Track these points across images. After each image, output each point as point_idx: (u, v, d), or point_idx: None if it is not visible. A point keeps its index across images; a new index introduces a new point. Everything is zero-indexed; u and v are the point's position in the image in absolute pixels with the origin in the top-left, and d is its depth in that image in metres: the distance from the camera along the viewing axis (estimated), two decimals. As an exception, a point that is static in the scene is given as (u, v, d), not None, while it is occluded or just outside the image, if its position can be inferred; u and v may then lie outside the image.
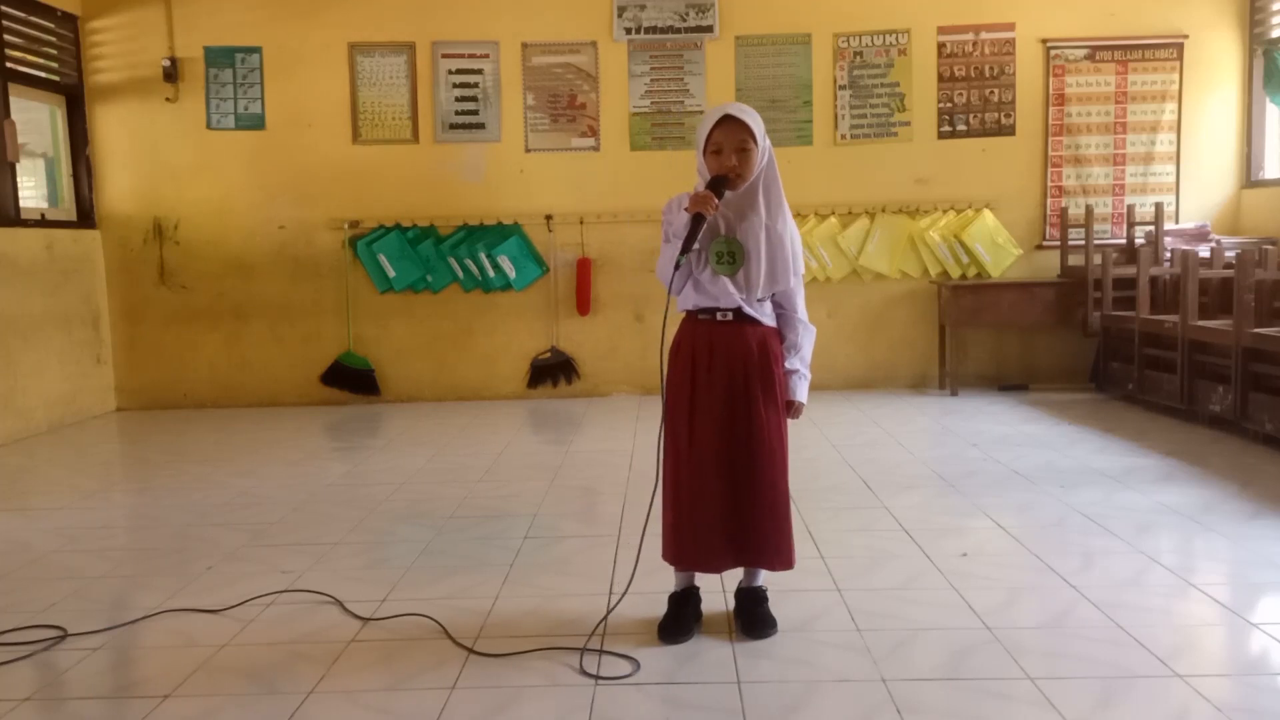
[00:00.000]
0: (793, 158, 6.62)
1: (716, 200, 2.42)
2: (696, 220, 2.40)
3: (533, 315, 6.76)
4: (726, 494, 2.52)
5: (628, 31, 6.61)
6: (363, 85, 6.64)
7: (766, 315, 2.56)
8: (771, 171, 2.52)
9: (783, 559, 2.57)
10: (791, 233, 2.53)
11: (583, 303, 6.69)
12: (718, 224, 2.49)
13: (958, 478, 4.23)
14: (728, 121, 2.45)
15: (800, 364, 2.60)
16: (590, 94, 6.66)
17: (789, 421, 2.62)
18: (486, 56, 6.65)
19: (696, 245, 2.43)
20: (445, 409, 6.46)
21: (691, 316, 2.58)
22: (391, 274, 6.62)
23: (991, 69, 6.64)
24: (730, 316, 2.52)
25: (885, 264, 6.66)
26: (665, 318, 2.49)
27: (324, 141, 6.65)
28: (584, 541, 3.47)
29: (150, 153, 6.64)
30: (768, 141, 2.52)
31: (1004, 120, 6.66)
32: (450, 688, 2.32)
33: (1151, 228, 6.39)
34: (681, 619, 2.59)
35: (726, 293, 2.49)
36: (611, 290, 6.73)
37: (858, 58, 6.63)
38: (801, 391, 2.59)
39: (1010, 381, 6.68)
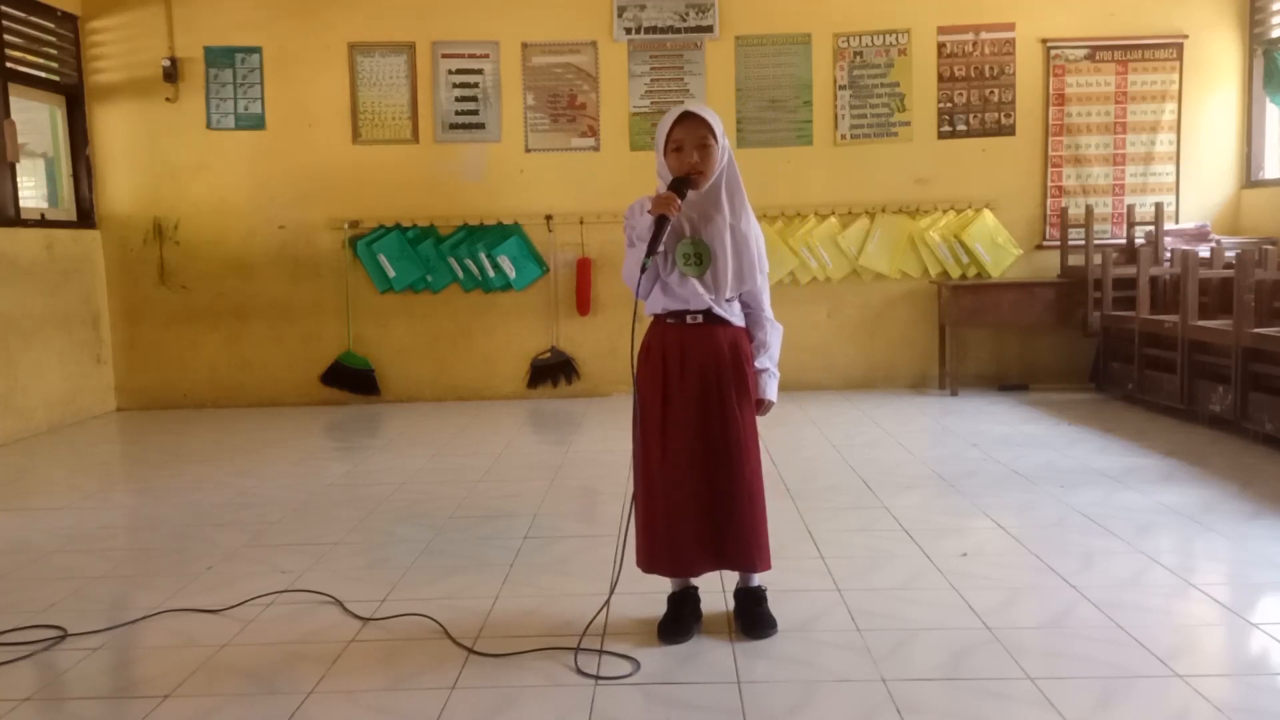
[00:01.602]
0: (793, 158, 6.63)
1: (679, 201, 2.41)
2: (660, 222, 2.40)
3: (533, 315, 6.76)
4: (702, 498, 2.52)
5: (628, 31, 6.61)
6: (363, 85, 6.64)
7: (736, 315, 2.56)
8: (733, 172, 2.52)
9: (759, 559, 2.56)
10: (756, 232, 2.54)
11: (583, 303, 6.69)
12: (682, 226, 2.48)
13: (958, 478, 4.23)
14: (687, 119, 2.45)
15: (770, 363, 2.60)
16: (590, 94, 6.66)
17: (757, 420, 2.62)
18: (486, 56, 6.65)
19: (662, 247, 2.43)
20: (445, 409, 6.46)
21: (660, 320, 2.57)
22: (391, 274, 6.62)
23: (991, 69, 6.64)
24: (700, 319, 2.51)
25: (885, 264, 6.66)
26: (634, 322, 2.47)
27: (324, 141, 6.65)
28: (584, 541, 3.47)
29: (150, 153, 6.64)
30: (727, 141, 2.52)
31: (1004, 120, 6.66)
32: (450, 688, 2.32)
33: (1151, 228, 6.39)
34: (681, 619, 2.59)
35: (696, 294, 2.48)
36: (611, 290, 6.72)
37: (858, 58, 6.63)
38: (772, 390, 2.60)
39: (1010, 381, 6.68)
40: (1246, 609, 2.70)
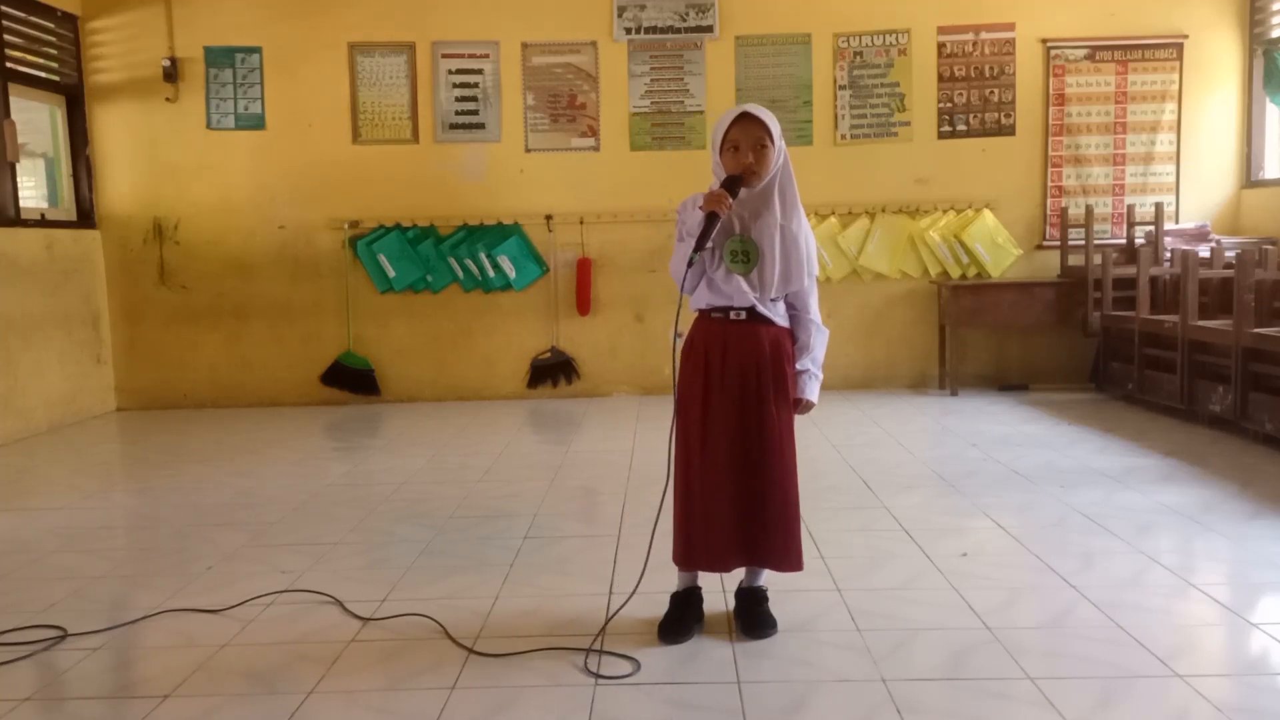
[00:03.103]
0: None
1: (730, 199, 2.42)
2: (710, 218, 2.41)
3: (533, 315, 6.76)
4: (738, 493, 2.52)
5: (628, 31, 6.61)
6: (363, 85, 6.64)
7: (780, 315, 2.56)
8: (787, 173, 2.53)
9: (792, 560, 2.56)
10: (806, 234, 2.54)
11: (583, 303, 6.69)
12: (732, 223, 2.49)
13: (958, 478, 4.23)
14: (746, 119, 2.46)
15: (812, 364, 2.60)
16: (590, 94, 6.66)
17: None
18: (486, 56, 6.65)
19: (710, 244, 2.43)
20: (445, 409, 6.46)
21: (704, 315, 2.58)
22: (391, 274, 6.62)
23: (991, 69, 6.64)
24: (744, 316, 2.52)
25: (885, 264, 6.66)
26: (678, 316, 2.48)
27: (324, 141, 6.65)
28: (584, 541, 3.47)
29: (150, 153, 6.64)
30: (783, 144, 2.53)
31: (1004, 120, 6.66)
32: (450, 688, 2.32)
33: (1151, 228, 6.39)
34: (683, 619, 2.59)
35: (740, 291, 2.49)
36: (611, 290, 6.73)
37: (858, 58, 6.63)
38: (813, 391, 2.59)
39: (1010, 381, 6.68)
40: (1246, 609, 2.70)
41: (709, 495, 2.52)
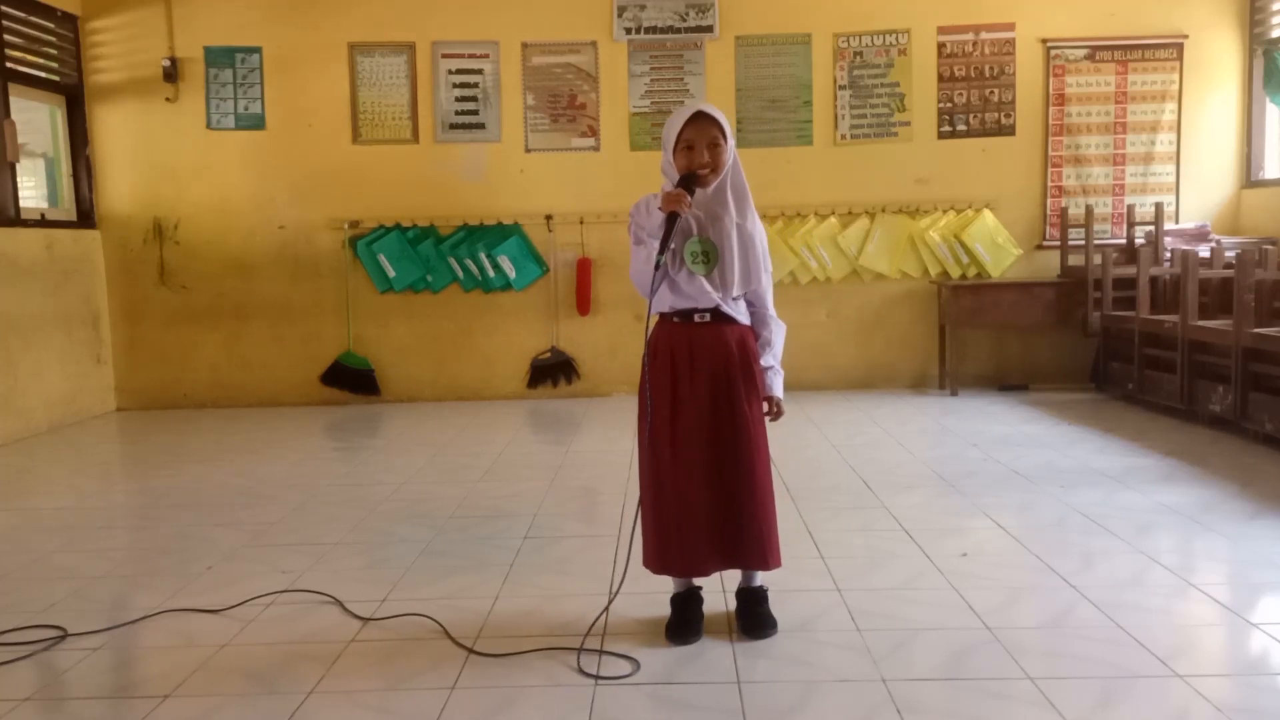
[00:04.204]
0: (793, 158, 6.63)
1: (689, 198, 2.42)
2: (671, 219, 2.41)
3: (533, 315, 6.76)
4: (713, 496, 2.51)
5: (628, 31, 6.61)
6: (363, 85, 6.64)
7: (741, 313, 2.57)
8: (738, 173, 2.53)
9: (771, 557, 2.56)
10: (760, 232, 2.56)
11: (583, 303, 6.69)
12: (689, 224, 2.49)
13: (958, 478, 4.23)
14: (700, 118, 2.47)
15: (774, 360, 2.62)
16: (590, 94, 6.66)
17: (770, 421, 2.62)
18: (486, 56, 6.65)
19: (672, 245, 2.44)
20: (445, 409, 6.46)
21: (666, 320, 2.58)
22: (391, 274, 6.62)
23: (991, 69, 6.64)
24: (708, 317, 2.52)
25: (885, 264, 6.66)
26: (648, 323, 2.48)
27: (324, 141, 6.64)
28: (584, 541, 3.47)
29: (150, 153, 6.64)
30: (733, 142, 2.53)
31: (1004, 120, 6.66)
32: (450, 688, 2.32)
33: (1151, 228, 6.39)
34: (688, 620, 2.59)
35: (704, 292, 2.49)
36: (611, 290, 6.73)
37: (858, 58, 6.63)
38: (777, 387, 2.61)
39: (1010, 381, 6.67)
40: (1246, 609, 2.70)
41: (683, 499, 2.51)
